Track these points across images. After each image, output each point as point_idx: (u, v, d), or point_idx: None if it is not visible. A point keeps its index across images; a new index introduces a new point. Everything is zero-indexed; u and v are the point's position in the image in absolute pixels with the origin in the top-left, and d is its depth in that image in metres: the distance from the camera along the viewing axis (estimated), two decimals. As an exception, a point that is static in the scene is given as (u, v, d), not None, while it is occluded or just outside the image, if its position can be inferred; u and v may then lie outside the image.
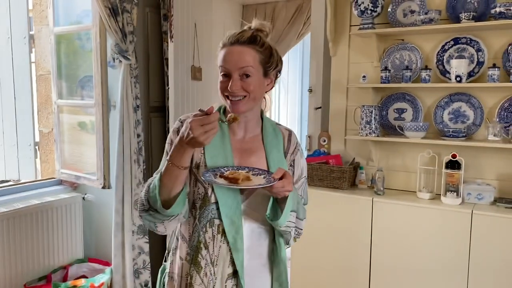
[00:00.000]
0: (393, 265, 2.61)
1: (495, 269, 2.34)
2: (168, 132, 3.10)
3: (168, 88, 2.97)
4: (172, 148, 1.19)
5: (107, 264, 3.11)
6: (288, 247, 1.44)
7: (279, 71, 1.39)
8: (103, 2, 2.71)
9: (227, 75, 1.28)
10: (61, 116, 3.28)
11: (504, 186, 2.60)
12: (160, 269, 1.47)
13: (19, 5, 3.39)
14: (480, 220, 2.36)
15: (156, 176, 1.25)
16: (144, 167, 3.07)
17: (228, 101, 1.30)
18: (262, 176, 1.26)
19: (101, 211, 3.23)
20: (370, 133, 2.77)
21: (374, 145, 2.92)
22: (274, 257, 1.38)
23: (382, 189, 2.73)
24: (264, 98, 1.39)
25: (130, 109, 2.95)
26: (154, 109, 3.30)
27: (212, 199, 1.27)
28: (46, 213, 2.96)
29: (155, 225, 1.26)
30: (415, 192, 2.73)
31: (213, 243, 1.27)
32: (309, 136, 3.30)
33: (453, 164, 2.55)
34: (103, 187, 2.99)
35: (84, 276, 3.07)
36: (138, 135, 3.02)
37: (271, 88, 1.38)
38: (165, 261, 1.46)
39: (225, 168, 1.27)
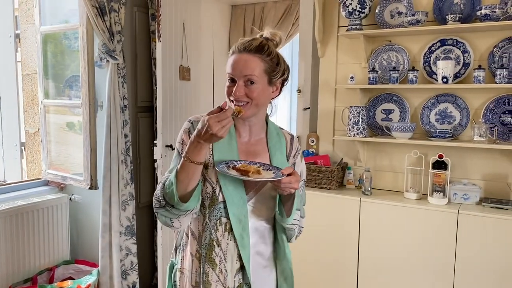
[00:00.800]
0: (380, 264, 2.62)
1: (480, 268, 2.36)
2: (156, 132, 3.10)
3: (156, 88, 2.95)
4: (189, 145, 1.24)
5: (94, 265, 3.09)
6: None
7: (286, 79, 1.45)
8: (90, 1, 2.69)
9: (233, 81, 1.34)
10: (47, 116, 3.25)
11: (489, 186, 2.63)
12: (168, 266, 1.50)
13: (5, 3, 3.35)
14: (466, 219, 2.39)
15: (170, 174, 1.30)
16: (132, 167, 3.05)
17: (233, 105, 1.35)
18: (272, 171, 1.32)
19: (88, 212, 3.20)
20: (357, 133, 2.79)
21: (362, 145, 2.93)
22: (277, 253, 1.45)
23: (369, 189, 2.75)
24: (271, 103, 1.47)
25: (117, 109, 2.93)
26: (142, 109, 3.29)
27: (220, 198, 1.32)
28: (32, 214, 2.92)
29: (171, 220, 1.30)
30: (402, 192, 2.75)
31: (223, 240, 1.33)
32: (297, 137, 3.30)
33: (440, 165, 2.58)
34: (90, 188, 2.97)
35: (70, 278, 3.04)
36: (126, 135, 3.00)
37: (277, 96, 1.45)
38: (173, 257, 1.48)
39: (237, 162, 1.33)
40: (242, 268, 1.35)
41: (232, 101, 1.34)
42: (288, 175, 1.27)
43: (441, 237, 2.45)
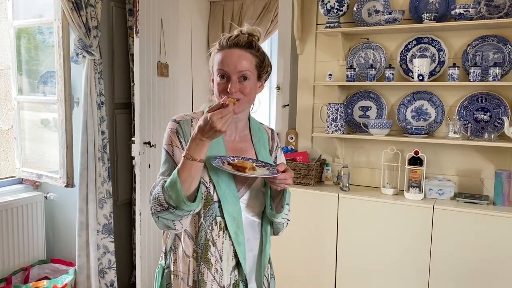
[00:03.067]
0: (358, 258, 2.66)
1: (455, 261, 2.42)
2: (133, 129, 3.06)
3: (134, 84, 2.91)
4: (190, 143, 1.22)
5: (71, 264, 3.04)
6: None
7: (269, 75, 1.45)
8: (65, -5, 2.63)
9: (224, 77, 1.33)
10: (21, 113, 3.17)
11: (463, 181, 2.70)
12: (157, 271, 1.46)
13: (-24, -4, 3.25)
14: (441, 214, 2.44)
15: (164, 177, 1.28)
16: (109, 164, 3.01)
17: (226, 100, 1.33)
18: (266, 168, 1.33)
19: (64, 210, 3.15)
20: (336, 130, 2.81)
21: (340, 142, 2.97)
22: (262, 248, 1.45)
23: (347, 185, 2.78)
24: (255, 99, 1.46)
25: (94, 105, 2.88)
26: (119, 106, 3.24)
27: (215, 198, 1.32)
28: (6, 213, 2.86)
29: (174, 223, 1.27)
30: (379, 188, 2.79)
31: (219, 240, 1.34)
32: (277, 133, 3.31)
33: (416, 161, 2.62)
34: (66, 186, 2.91)
35: (46, 277, 2.99)
36: (103, 132, 2.96)
37: (261, 91, 1.45)
38: (162, 260, 1.45)
39: (232, 157, 1.33)
40: (237, 264, 1.36)
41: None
42: (283, 171, 1.29)
43: (417, 232, 2.50)
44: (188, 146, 1.23)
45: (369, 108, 2.90)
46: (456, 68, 2.53)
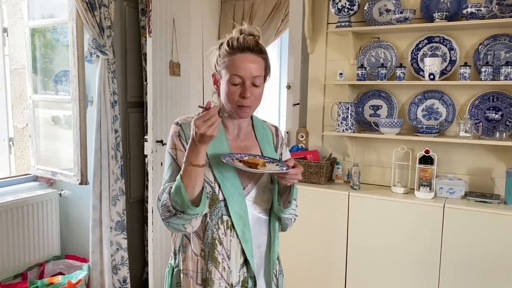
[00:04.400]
0: (368, 257, 2.67)
1: (465, 260, 2.43)
2: (146, 128, 3.11)
3: (146, 83, 2.95)
4: (187, 149, 1.25)
5: (85, 260, 3.09)
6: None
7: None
8: (80, -4, 2.68)
9: (237, 84, 1.33)
10: (36, 111, 3.23)
11: (474, 180, 2.70)
12: (167, 270, 1.49)
13: (-8, -3, 3.31)
14: (451, 213, 2.45)
15: (170, 184, 1.31)
16: (122, 162, 3.05)
17: (237, 108, 1.35)
18: (275, 163, 1.36)
19: (78, 207, 3.20)
20: (346, 129, 2.83)
21: (350, 141, 2.98)
22: (270, 245, 1.47)
23: (358, 183, 2.79)
24: None
25: (107, 104, 2.93)
26: (132, 105, 3.29)
27: (220, 197, 1.34)
28: (21, 210, 2.91)
29: (184, 226, 1.30)
30: (390, 186, 2.80)
31: (226, 238, 1.36)
32: (287, 132, 3.34)
33: (426, 160, 2.63)
34: (81, 183, 2.96)
35: (61, 273, 3.04)
36: (116, 131, 3.00)
37: None
38: (172, 260, 1.48)
39: (243, 155, 1.36)
40: (246, 262, 1.38)
41: (237, 103, 1.34)
42: (293, 167, 1.31)
43: (427, 230, 2.51)
44: (187, 152, 1.25)
45: (380, 107, 2.91)
46: (468, 67, 2.53)
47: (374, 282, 2.67)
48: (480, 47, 2.61)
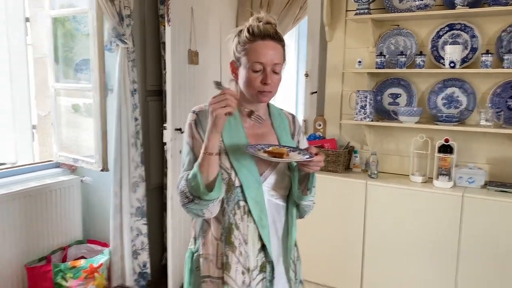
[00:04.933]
0: (385, 246, 2.68)
1: (484, 250, 2.41)
2: (165, 116, 3.14)
3: (165, 72, 2.98)
4: (206, 137, 1.29)
5: (106, 245, 3.16)
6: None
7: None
8: (100, -15, 2.70)
9: (257, 71, 1.35)
10: (58, 99, 3.29)
11: (494, 170, 2.67)
12: (187, 255, 1.54)
13: (15, -13, 3.36)
14: (470, 202, 2.43)
15: (188, 172, 1.35)
16: (142, 150, 3.10)
17: (257, 93, 1.37)
18: (297, 152, 1.37)
19: (99, 194, 3.27)
20: (364, 117, 2.82)
21: (369, 129, 2.97)
22: (288, 231, 1.49)
23: (375, 172, 2.79)
24: None
25: (127, 93, 2.97)
26: (151, 93, 3.32)
27: (237, 183, 1.37)
28: (45, 195, 2.99)
29: (202, 211, 1.34)
30: (408, 175, 2.79)
31: (242, 223, 1.38)
32: (304, 120, 3.34)
33: (446, 148, 2.61)
34: (102, 170, 3.02)
35: (83, 257, 3.12)
36: (136, 119, 3.04)
37: None
38: (192, 245, 1.52)
39: (265, 145, 1.37)
40: (263, 247, 1.41)
41: (261, 91, 1.36)
42: (315, 154, 1.33)
43: (446, 220, 2.50)
44: (206, 140, 1.29)
45: (399, 96, 2.89)
46: (489, 55, 2.48)
47: (390, 270, 2.67)
48: (503, 34, 2.56)
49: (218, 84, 1.29)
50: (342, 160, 2.87)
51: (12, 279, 2.78)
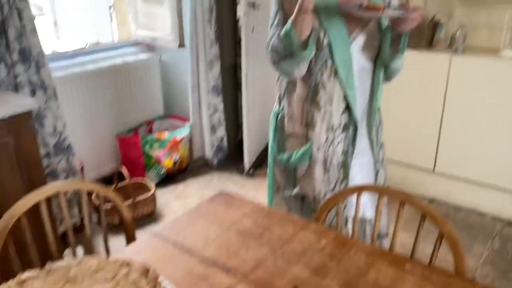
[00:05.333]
0: (464, 125, 2.61)
1: None
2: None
3: None
4: None
5: (186, 120, 3.35)
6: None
7: None
8: None
9: None
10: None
11: None
12: (271, 116, 1.60)
13: None
14: None
15: (277, 29, 1.35)
16: (216, 27, 3.09)
17: None
18: (391, 9, 1.30)
19: (178, 72, 3.38)
20: (455, -14, 2.57)
21: (458, 0, 2.72)
22: (373, 93, 1.49)
23: (462, 47, 2.61)
24: None
25: (200, -35, 2.89)
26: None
27: (325, 42, 1.36)
28: (128, 72, 3.14)
29: (292, 69, 1.37)
30: (498, 50, 2.59)
31: (329, 83, 1.40)
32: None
33: (547, 18, 2.36)
34: (179, 46, 3.09)
35: (166, 130, 3.35)
36: (210, -7, 3.00)
37: None
38: (277, 105, 1.57)
39: (359, 4, 1.30)
40: (348, 108, 1.43)
41: None
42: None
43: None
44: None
45: (498, -41, 2.57)
46: None
47: (466, 148, 2.63)
48: None
49: None
50: (425, 34, 2.70)
51: (106, 147, 3.08)
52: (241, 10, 2.88)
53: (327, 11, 1.34)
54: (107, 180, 2.91)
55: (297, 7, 1.27)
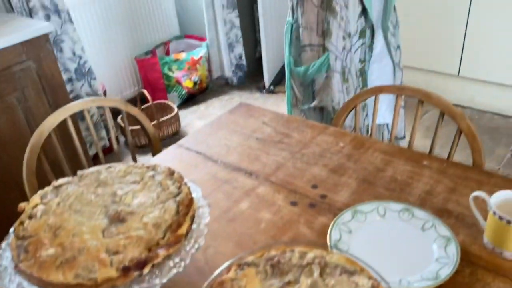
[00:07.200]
0: (490, 26, 2.49)
1: None
2: None
3: None
4: None
5: (202, 39, 3.30)
6: None
7: None
8: None
9: None
10: None
11: None
12: (286, 26, 1.58)
13: None
14: None
15: None
16: None
17: None
18: None
19: (190, -12, 3.28)
20: None
21: None
22: None
23: None
24: None
25: None
26: None
27: None
28: (140, -8, 3.07)
29: None
30: None
31: None
32: None
33: None
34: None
35: (183, 51, 3.32)
36: None
37: None
38: (290, 16, 1.54)
39: None
40: (363, 11, 1.40)
41: None
42: None
43: None
44: None
45: None
46: None
47: (493, 48, 2.53)
48: None
49: None
50: None
51: (126, 70, 3.09)
52: None
53: None
54: (130, 103, 2.96)
55: None
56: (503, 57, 2.52)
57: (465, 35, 2.60)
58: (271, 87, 3.27)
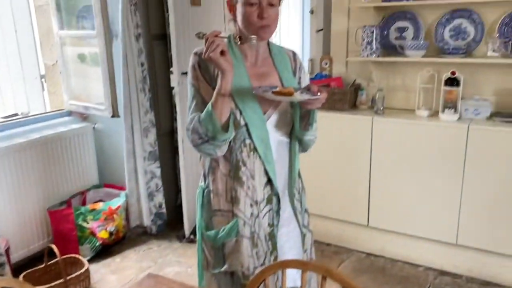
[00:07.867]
0: (391, 181, 2.75)
1: (489, 182, 2.47)
2: (171, 60, 3.14)
3: (168, 15, 2.95)
4: (219, 79, 1.33)
5: (122, 188, 3.29)
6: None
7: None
8: None
9: (253, 5, 1.35)
10: (64, 48, 3.29)
11: (501, 101, 2.68)
12: (198, 191, 1.62)
13: None
14: (476, 134, 2.46)
15: (197, 114, 1.39)
16: (150, 95, 3.14)
17: (257, 28, 1.37)
18: (299, 91, 1.40)
19: (112, 140, 3.36)
20: (371, 53, 2.80)
21: (375, 65, 2.96)
22: (291, 164, 1.56)
23: (382, 108, 2.81)
24: None
25: (132, 38, 2.96)
26: (156, 37, 3.30)
27: (242, 122, 1.41)
28: (60, 143, 3.08)
29: (215, 151, 1.41)
30: (414, 110, 2.81)
31: (249, 160, 1.45)
32: (311, 60, 3.33)
33: (452, 81, 2.61)
34: (113, 116, 3.08)
35: (101, 200, 3.26)
36: (142, 64, 3.05)
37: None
38: (202, 182, 1.60)
39: (270, 87, 1.40)
40: (269, 181, 1.49)
41: (255, 26, 1.36)
42: (318, 91, 1.36)
43: (452, 152, 2.54)
44: (219, 83, 1.32)
45: (406, 29, 2.85)
46: (499, -17, 2.41)
47: (397, 204, 2.77)
48: (514, -41, 2.47)
49: (199, 35, 1.32)
50: (348, 98, 2.89)
51: (36, 223, 2.93)
52: (174, 80, 2.95)
53: (241, 93, 1.41)
54: (37, 259, 2.76)
55: (215, 91, 1.33)
56: (406, 209, 2.75)
57: (369, 188, 2.83)
58: (191, 236, 3.23)
